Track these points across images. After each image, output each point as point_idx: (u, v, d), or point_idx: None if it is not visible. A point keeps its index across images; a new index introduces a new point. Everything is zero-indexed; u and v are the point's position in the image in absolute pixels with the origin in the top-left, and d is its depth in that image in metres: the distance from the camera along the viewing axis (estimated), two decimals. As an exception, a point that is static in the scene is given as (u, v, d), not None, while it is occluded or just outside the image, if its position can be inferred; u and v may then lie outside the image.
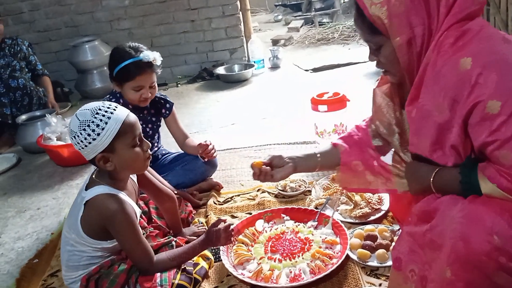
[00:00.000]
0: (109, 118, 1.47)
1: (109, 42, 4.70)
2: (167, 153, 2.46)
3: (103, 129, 1.45)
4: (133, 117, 1.54)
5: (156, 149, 2.41)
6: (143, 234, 1.63)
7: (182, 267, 1.65)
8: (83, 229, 1.53)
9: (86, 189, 1.56)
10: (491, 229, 1.04)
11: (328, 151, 1.63)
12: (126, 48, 2.08)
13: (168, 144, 2.66)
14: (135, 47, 2.08)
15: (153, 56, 2.05)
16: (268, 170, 1.58)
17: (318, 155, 1.62)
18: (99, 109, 1.47)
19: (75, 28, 4.94)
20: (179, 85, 4.71)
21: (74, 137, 1.47)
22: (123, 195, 1.56)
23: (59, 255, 1.69)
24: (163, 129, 2.47)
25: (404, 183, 1.40)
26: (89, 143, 1.46)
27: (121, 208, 1.51)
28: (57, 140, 3.10)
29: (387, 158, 1.57)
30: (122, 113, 1.51)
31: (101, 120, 1.46)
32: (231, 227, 1.74)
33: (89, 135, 1.45)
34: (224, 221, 1.77)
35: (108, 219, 1.50)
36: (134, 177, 1.74)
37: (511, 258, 1.03)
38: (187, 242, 1.83)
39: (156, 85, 2.14)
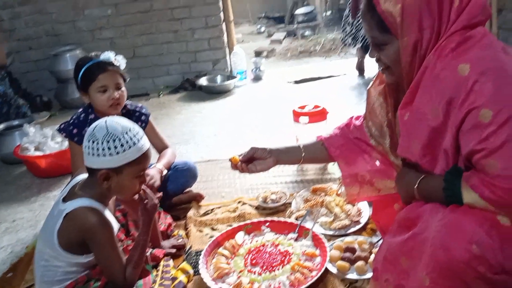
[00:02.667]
0: (134, 143, 1.48)
1: (90, 51, 4.66)
2: (147, 164, 2.44)
3: (124, 150, 1.46)
4: (150, 152, 1.57)
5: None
6: (120, 247, 1.60)
7: (160, 282, 1.63)
8: (60, 243, 1.50)
9: (64, 201, 1.53)
10: (471, 238, 1.06)
11: (313, 145, 1.68)
12: (88, 55, 2.13)
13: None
14: (97, 53, 2.11)
15: (114, 57, 2.08)
16: (244, 166, 1.61)
17: (302, 149, 1.66)
18: (129, 130, 1.49)
19: (56, 37, 4.88)
20: (161, 95, 4.69)
21: (93, 141, 1.46)
22: (105, 211, 1.55)
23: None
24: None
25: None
26: (104, 155, 1.45)
27: (101, 222, 1.49)
28: (35, 150, 3.05)
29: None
30: (146, 144, 1.54)
31: (127, 142, 1.46)
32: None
33: (109, 148, 1.45)
34: (143, 194, 1.65)
35: (88, 231, 1.48)
36: None
37: (490, 267, 1.05)
38: (166, 255, 1.81)
39: (124, 90, 2.12)
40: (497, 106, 1.05)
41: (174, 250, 1.90)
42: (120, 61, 2.10)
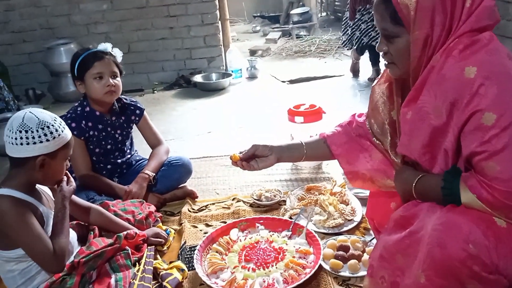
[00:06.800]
0: (64, 127, 1.56)
1: (85, 45, 4.62)
2: (141, 159, 2.43)
3: (59, 135, 1.52)
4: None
5: (128, 156, 2.38)
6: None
7: (141, 276, 1.62)
8: None
9: None
10: (468, 238, 1.08)
11: (315, 142, 1.68)
12: (84, 47, 2.22)
13: (144, 151, 2.63)
14: (94, 45, 2.19)
15: (111, 48, 2.16)
16: (244, 164, 1.62)
17: (305, 146, 1.66)
18: (56, 117, 1.55)
19: (50, 30, 4.85)
20: (155, 91, 4.68)
21: (26, 131, 1.47)
22: (28, 198, 1.53)
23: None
24: (139, 135, 2.46)
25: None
26: (41, 142, 1.48)
27: (12, 206, 1.47)
28: None
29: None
30: (68, 128, 1.60)
31: (59, 126, 1.53)
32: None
33: (45, 134, 1.48)
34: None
35: (0, 220, 1.46)
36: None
37: (484, 267, 1.07)
38: (150, 245, 1.82)
39: (120, 80, 2.18)
40: (501, 110, 1.08)
41: (160, 240, 1.90)
42: (116, 53, 2.17)
